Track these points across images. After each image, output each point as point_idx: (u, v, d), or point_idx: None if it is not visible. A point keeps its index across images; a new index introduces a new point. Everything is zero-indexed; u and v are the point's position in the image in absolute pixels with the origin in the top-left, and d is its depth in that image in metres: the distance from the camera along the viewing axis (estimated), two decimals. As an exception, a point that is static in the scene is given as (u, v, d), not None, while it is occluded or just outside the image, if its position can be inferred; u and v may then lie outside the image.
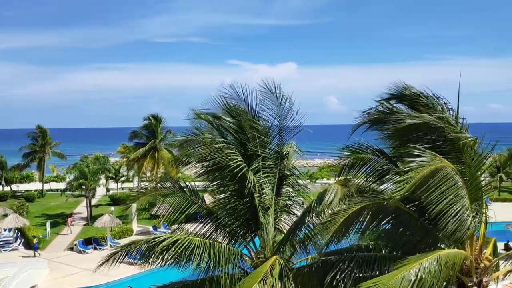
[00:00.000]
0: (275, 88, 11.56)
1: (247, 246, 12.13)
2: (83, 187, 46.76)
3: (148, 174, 50.86)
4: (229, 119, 11.94)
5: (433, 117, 10.39)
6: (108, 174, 60.89)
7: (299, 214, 12.07)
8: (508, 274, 10.94)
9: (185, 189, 12.53)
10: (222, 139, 11.54)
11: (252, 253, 11.88)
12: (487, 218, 11.01)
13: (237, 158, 10.98)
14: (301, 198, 12.86)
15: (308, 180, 59.46)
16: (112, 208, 48.03)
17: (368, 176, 11.76)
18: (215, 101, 11.92)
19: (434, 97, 10.84)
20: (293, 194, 12.78)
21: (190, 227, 12.44)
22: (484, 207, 10.77)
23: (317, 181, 65.25)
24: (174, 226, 12.83)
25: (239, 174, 10.94)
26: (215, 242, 11.01)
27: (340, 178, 12.20)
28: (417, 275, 8.60)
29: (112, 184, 68.26)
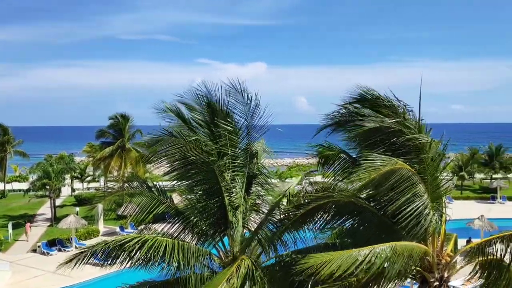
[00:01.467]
0: (241, 88, 11.59)
1: (216, 245, 12.13)
2: (47, 187, 45.54)
3: (115, 173, 49.96)
4: (199, 117, 11.91)
5: (392, 120, 10.77)
6: (73, 173, 59.54)
7: None
8: (469, 269, 11.32)
9: (152, 189, 12.41)
10: (192, 138, 11.50)
11: (221, 253, 11.89)
12: (448, 216, 11.42)
13: (206, 157, 10.96)
14: (270, 197, 12.97)
15: (278, 179, 59.82)
16: (78, 208, 47.00)
17: (335, 175, 12.09)
18: (184, 100, 11.89)
19: (395, 100, 11.18)
20: (262, 193, 12.87)
21: (158, 227, 12.34)
22: (444, 205, 11.19)
23: (286, 180, 65.73)
24: (142, 226, 12.70)
25: (208, 174, 10.93)
26: (183, 242, 10.97)
27: (311, 175, 12.49)
28: (366, 257, 8.89)
29: (77, 184, 66.71)
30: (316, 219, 11.23)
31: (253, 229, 12.05)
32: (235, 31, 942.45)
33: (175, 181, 12.15)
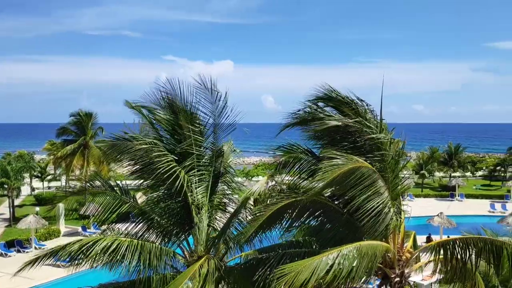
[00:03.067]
0: (211, 86, 11.51)
1: (181, 245, 12.03)
2: (5, 186, 43.94)
3: (77, 172, 48.67)
4: (164, 116, 11.77)
5: (353, 119, 11.01)
6: (33, 172, 57.66)
7: None
8: (428, 265, 11.69)
9: (115, 188, 12.19)
10: (154, 137, 11.36)
11: (186, 252, 11.80)
12: (408, 213, 11.76)
13: (167, 158, 10.83)
14: (237, 196, 12.98)
15: (244, 178, 59.88)
16: (38, 208, 45.54)
17: (300, 174, 12.21)
18: (149, 97, 11.73)
19: (358, 100, 11.42)
20: (228, 192, 12.85)
21: (122, 227, 12.13)
22: (404, 202, 11.53)
23: (253, 178, 65.90)
24: (104, 227, 12.45)
25: (171, 173, 10.82)
26: (147, 242, 10.82)
27: (276, 175, 12.57)
28: (335, 260, 9.06)
29: (37, 183, 64.67)
30: (283, 218, 11.32)
31: (219, 228, 12.03)
32: (203, 28, 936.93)
33: (138, 180, 11.98)
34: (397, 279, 11.17)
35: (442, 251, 10.73)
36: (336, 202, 11.38)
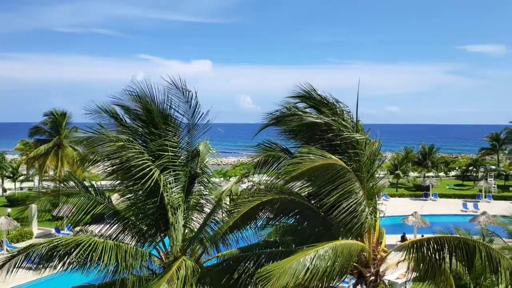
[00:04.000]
0: (182, 86, 11.39)
1: (157, 246, 11.90)
2: (-25, 187, 42.69)
3: (51, 173, 47.65)
4: (138, 116, 11.61)
5: (329, 118, 11.13)
6: (4, 173, 56.16)
7: None
8: (403, 263, 11.87)
9: (90, 189, 11.98)
10: (129, 136, 11.19)
11: (162, 254, 11.68)
12: (383, 212, 11.94)
13: (143, 157, 10.71)
14: (213, 196, 12.91)
15: (222, 179, 59.68)
16: (9, 209, 44.37)
17: (278, 173, 12.23)
18: (123, 97, 11.55)
19: (335, 101, 11.54)
20: (205, 193, 12.77)
21: (96, 228, 11.92)
22: (380, 202, 11.69)
23: (231, 179, 65.81)
24: (78, 228, 12.22)
25: (146, 173, 10.69)
26: (122, 244, 10.66)
27: (254, 174, 12.60)
28: (312, 261, 9.15)
29: (9, 184, 63.01)
30: (258, 217, 11.35)
31: (195, 229, 11.95)
32: (179, 27, 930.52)
33: (113, 181, 11.81)
34: (372, 277, 11.32)
35: (416, 250, 10.92)
36: (313, 202, 11.46)
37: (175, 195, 11.52)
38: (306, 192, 11.61)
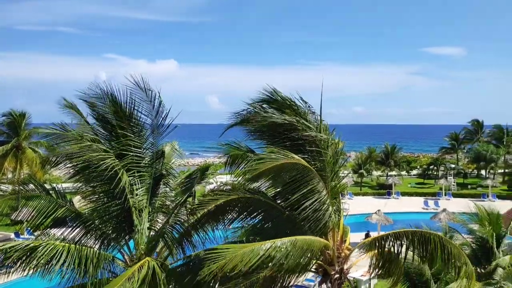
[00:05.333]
0: (144, 86, 11.24)
1: (121, 249, 11.69)
2: None
3: (10, 175, 45.98)
4: (102, 115, 11.39)
5: (293, 118, 11.27)
6: (-41, 176, 53.72)
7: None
8: (367, 260, 12.12)
9: (51, 192, 11.64)
10: (93, 136, 10.97)
11: (126, 257, 11.48)
12: (346, 210, 12.18)
13: (108, 157, 10.51)
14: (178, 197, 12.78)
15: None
16: (-35, 214, 42.56)
17: (244, 173, 12.26)
18: (87, 96, 11.31)
19: (300, 101, 11.69)
20: (171, 194, 12.64)
21: (58, 232, 11.60)
22: (343, 200, 11.92)
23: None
24: (38, 232, 11.85)
25: (111, 174, 10.49)
26: (83, 247, 10.41)
27: (222, 175, 12.58)
28: (267, 251, 9.22)
29: (-36, 188, 60.42)
30: (225, 217, 11.34)
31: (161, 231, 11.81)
32: (145, 26, 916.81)
33: (76, 183, 11.53)
34: (337, 275, 11.51)
35: (378, 246, 11.18)
36: (278, 201, 11.55)
37: (139, 197, 11.36)
38: (273, 192, 11.69)
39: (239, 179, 12.24)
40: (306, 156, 11.08)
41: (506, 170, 64.76)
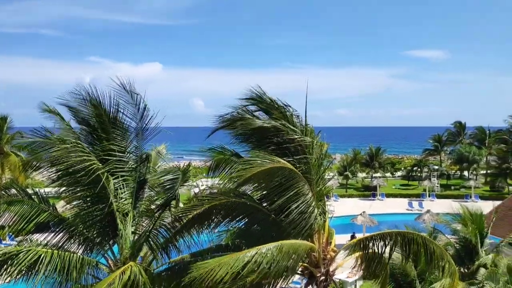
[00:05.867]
0: (130, 89, 11.15)
1: (105, 254, 11.55)
2: None
3: (-8, 180, 45.12)
4: (85, 119, 11.25)
5: (278, 121, 11.31)
6: None
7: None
8: (352, 262, 12.19)
9: (33, 196, 11.45)
10: (75, 140, 10.82)
11: (110, 261, 11.34)
12: (332, 213, 12.24)
13: (91, 161, 10.38)
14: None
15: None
16: None
17: (230, 177, 12.24)
18: (70, 100, 11.17)
19: (284, 105, 11.73)
20: (156, 198, 12.52)
21: (40, 237, 11.42)
22: (329, 202, 11.98)
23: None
24: (21, 237, 11.65)
25: (93, 178, 10.36)
26: (67, 253, 10.25)
27: (207, 178, 12.54)
28: (253, 257, 9.23)
29: None
30: (210, 221, 11.29)
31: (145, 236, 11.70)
32: (130, 29, 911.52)
33: (59, 187, 11.36)
34: (323, 277, 11.55)
35: (363, 248, 11.27)
36: (264, 204, 11.55)
37: (123, 201, 11.24)
38: (259, 195, 11.69)
39: (225, 182, 12.22)
40: (291, 159, 11.12)
41: (488, 171, 65.77)
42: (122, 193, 11.23)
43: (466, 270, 17.03)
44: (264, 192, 11.45)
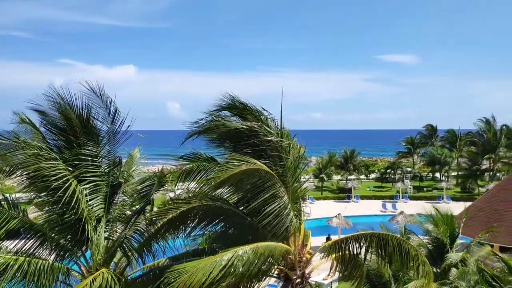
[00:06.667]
0: (100, 92, 10.91)
1: (78, 261, 11.30)
2: None
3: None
4: (55, 123, 10.99)
5: (254, 124, 11.33)
6: None
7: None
8: (328, 264, 12.26)
9: (2, 202, 11.11)
10: (45, 145, 10.56)
11: (83, 268, 11.10)
12: (307, 215, 12.32)
13: (59, 166, 10.14)
14: (138, 206, 12.50)
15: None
16: None
17: (205, 181, 12.15)
18: (41, 103, 10.90)
19: (260, 109, 11.77)
20: (130, 202, 12.34)
21: (10, 244, 11.08)
22: (304, 204, 12.03)
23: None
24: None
25: (62, 184, 10.11)
26: (37, 259, 9.98)
27: (179, 183, 12.40)
28: (230, 260, 9.19)
29: None
30: (185, 225, 11.20)
31: (118, 241, 11.50)
32: (103, 31, 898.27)
33: (30, 193, 11.06)
34: (298, 280, 11.58)
35: (338, 250, 11.36)
36: (241, 208, 11.52)
37: (96, 206, 11.02)
38: (235, 199, 11.65)
39: (201, 186, 12.12)
40: (267, 161, 11.14)
41: (459, 173, 67.37)
42: (94, 198, 11.02)
43: (438, 270, 17.36)
44: (240, 195, 11.43)
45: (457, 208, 31.81)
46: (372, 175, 77.08)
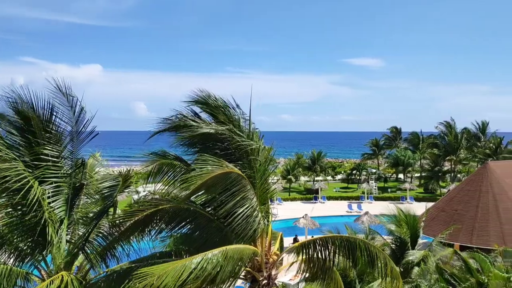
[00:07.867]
0: (66, 90, 10.57)
1: (38, 265, 10.91)
2: None
3: None
4: (13, 123, 10.57)
5: (224, 127, 11.26)
6: None
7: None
8: (295, 265, 12.33)
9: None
10: (4, 146, 10.15)
11: (44, 272, 10.72)
12: (275, 216, 12.37)
13: (17, 167, 9.75)
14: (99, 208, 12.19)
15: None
16: None
17: (173, 181, 12.01)
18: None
19: (234, 105, 11.72)
20: (93, 204, 12.00)
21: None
22: (273, 206, 12.04)
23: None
24: None
25: (20, 185, 9.72)
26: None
27: (146, 184, 12.20)
28: (199, 264, 9.08)
29: None
30: (152, 228, 11.00)
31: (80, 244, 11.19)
32: (68, 29, 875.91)
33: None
34: (265, 281, 11.58)
35: (305, 251, 11.42)
36: (208, 209, 11.42)
37: (57, 208, 10.67)
38: (203, 200, 11.54)
39: (167, 187, 11.96)
40: (236, 163, 11.09)
41: (422, 174, 69.26)
42: (55, 201, 10.66)
43: (401, 269, 17.75)
44: (208, 197, 11.32)
45: (420, 208, 32.67)
46: (338, 176, 78.26)
